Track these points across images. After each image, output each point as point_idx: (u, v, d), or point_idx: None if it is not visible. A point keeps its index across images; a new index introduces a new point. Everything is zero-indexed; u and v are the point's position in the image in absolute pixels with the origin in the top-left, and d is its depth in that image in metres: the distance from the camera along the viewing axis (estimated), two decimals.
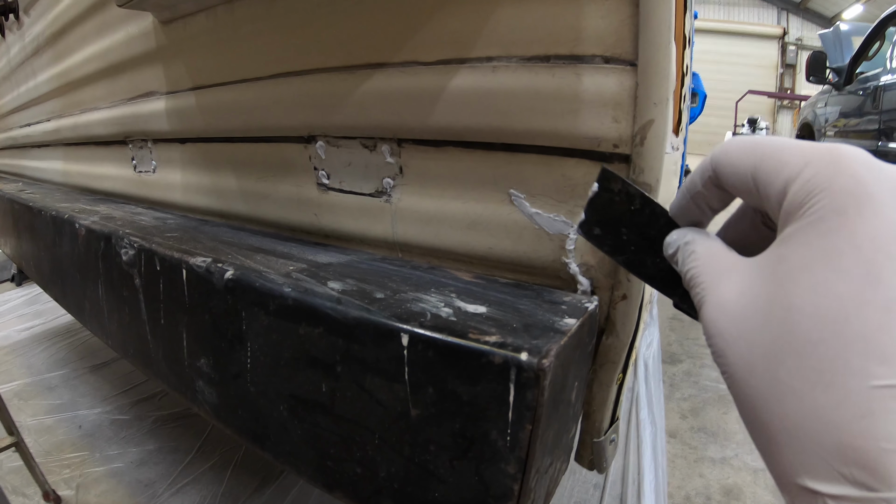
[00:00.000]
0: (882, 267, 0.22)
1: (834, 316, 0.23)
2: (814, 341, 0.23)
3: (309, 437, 0.49)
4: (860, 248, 0.23)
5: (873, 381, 0.21)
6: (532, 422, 0.33)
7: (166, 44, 0.91)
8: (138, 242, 0.68)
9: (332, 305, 0.44)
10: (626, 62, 0.47)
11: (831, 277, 0.23)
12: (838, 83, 4.88)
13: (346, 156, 0.67)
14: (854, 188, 0.24)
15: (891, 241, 0.23)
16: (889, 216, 0.23)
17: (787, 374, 0.24)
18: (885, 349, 0.21)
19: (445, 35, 0.55)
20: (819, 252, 0.24)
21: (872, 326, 0.22)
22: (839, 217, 0.24)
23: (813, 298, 0.24)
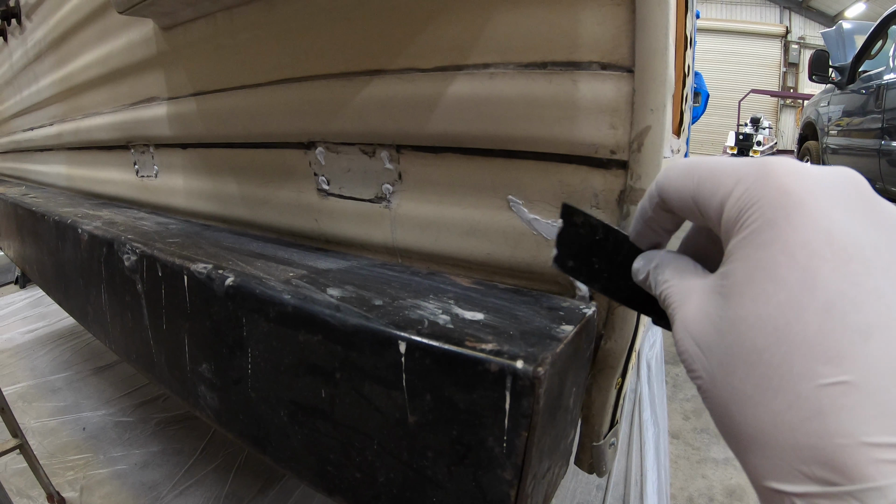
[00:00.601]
0: (816, 271, 0.24)
1: (775, 324, 0.24)
2: (759, 349, 0.24)
3: (309, 443, 0.49)
4: (793, 255, 0.24)
5: (819, 381, 0.22)
6: (528, 429, 0.34)
7: (167, 50, 0.92)
8: (140, 248, 0.69)
9: (331, 313, 0.44)
10: (623, 68, 0.47)
11: (769, 287, 0.24)
12: (841, 82, 4.87)
13: (345, 162, 0.67)
14: (782, 199, 0.25)
15: (822, 245, 0.24)
16: (818, 221, 0.24)
17: (741, 383, 0.25)
18: (827, 349, 0.22)
19: (443, 42, 0.55)
20: (756, 264, 0.25)
21: (813, 329, 0.23)
22: (771, 229, 0.25)
23: (755, 309, 0.25)
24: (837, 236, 0.24)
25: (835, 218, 0.25)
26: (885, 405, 0.21)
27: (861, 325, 0.22)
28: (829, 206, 0.25)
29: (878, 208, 0.26)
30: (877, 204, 0.26)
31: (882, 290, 0.23)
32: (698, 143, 14.44)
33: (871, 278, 0.23)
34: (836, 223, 0.24)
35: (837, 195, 0.25)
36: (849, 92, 4.69)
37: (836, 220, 0.24)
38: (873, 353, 0.22)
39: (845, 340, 0.22)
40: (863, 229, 0.24)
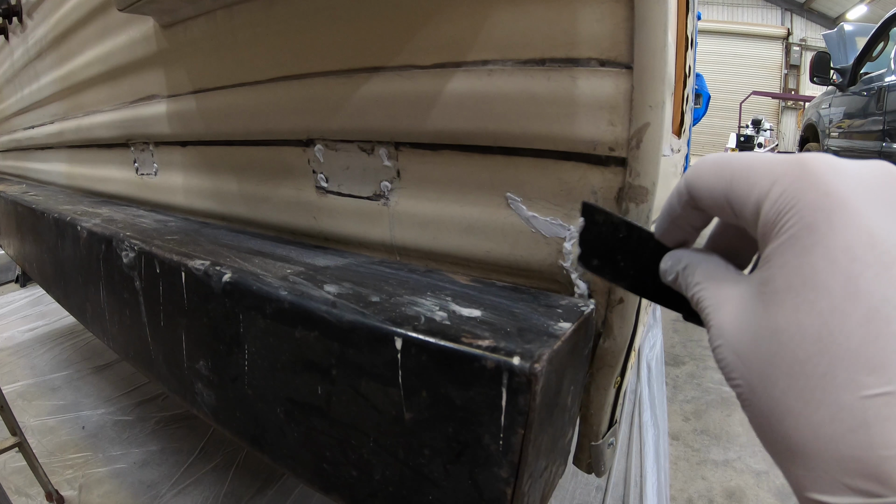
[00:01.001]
0: (859, 277, 0.23)
1: (817, 333, 0.23)
2: (801, 360, 0.23)
3: (305, 440, 0.49)
4: (835, 261, 0.23)
5: (863, 392, 0.21)
6: (524, 426, 0.34)
7: (167, 48, 0.92)
8: (138, 245, 0.69)
9: (328, 309, 0.44)
10: (622, 65, 0.47)
11: (811, 296, 0.24)
12: (842, 84, 4.87)
13: (344, 159, 0.67)
14: (822, 201, 0.24)
15: (866, 249, 0.23)
16: (861, 222, 0.23)
17: (783, 395, 0.24)
18: (871, 359, 0.22)
19: (442, 38, 0.55)
20: (797, 271, 0.24)
21: (856, 338, 0.22)
22: (812, 234, 0.24)
23: (796, 318, 0.24)
24: (880, 238, 0.23)
25: (876, 219, 0.24)
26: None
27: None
28: (869, 207, 0.24)
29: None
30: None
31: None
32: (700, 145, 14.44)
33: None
34: (877, 225, 0.23)
35: (877, 193, 0.24)
36: (850, 94, 4.69)
37: (878, 222, 0.24)
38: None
39: (890, 349, 0.22)
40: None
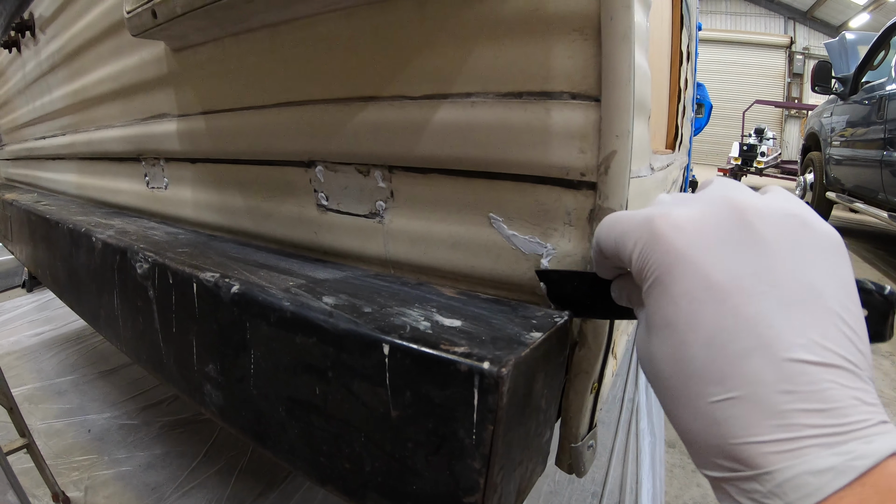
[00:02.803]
0: (697, 313, 0.29)
1: (673, 358, 0.30)
2: (666, 377, 0.31)
3: (304, 436, 0.53)
4: (678, 305, 0.30)
5: (711, 399, 0.28)
6: (494, 422, 0.38)
7: (177, 70, 0.96)
8: (152, 257, 0.74)
9: (325, 318, 0.49)
10: (591, 98, 0.50)
11: (665, 332, 0.31)
12: (844, 93, 4.87)
13: (342, 180, 0.71)
14: (664, 258, 0.31)
15: (701, 290, 0.30)
16: (696, 270, 0.30)
17: (664, 399, 0.32)
18: (713, 374, 0.28)
19: (430, 72, 0.59)
20: (656, 313, 0.32)
21: (700, 360, 0.29)
22: (660, 285, 0.32)
23: (659, 348, 0.31)
24: (715, 278, 0.29)
25: (711, 263, 0.30)
26: (763, 411, 0.27)
27: (739, 351, 0.28)
28: (705, 254, 0.30)
29: (761, 230, 0.30)
30: (761, 224, 0.30)
31: (763, 312, 0.28)
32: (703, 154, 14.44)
33: (752, 305, 0.28)
34: (713, 267, 0.30)
35: (717, 237, 0.31)
36: (851, 103, 4.69)
37: (714, 264, 0.30)
38: (751, 372, 0.27)
39: (727, 366, 0.28)
40: (744, 260, 0.29)
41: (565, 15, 0.50)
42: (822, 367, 0.27)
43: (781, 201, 0.33)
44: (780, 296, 0.28)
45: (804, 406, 0.26)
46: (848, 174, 4.71)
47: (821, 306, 0.28)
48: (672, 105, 1.86)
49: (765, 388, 0.27)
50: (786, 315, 0.28)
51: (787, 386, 0.26)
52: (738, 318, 0.28)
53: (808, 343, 0.27)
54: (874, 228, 5.87)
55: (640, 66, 0.55)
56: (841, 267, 0.31)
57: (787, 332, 0.27)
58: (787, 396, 0.26)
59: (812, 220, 0.32)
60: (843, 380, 0.27)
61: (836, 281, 0.30)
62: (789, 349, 0.27)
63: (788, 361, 0.27)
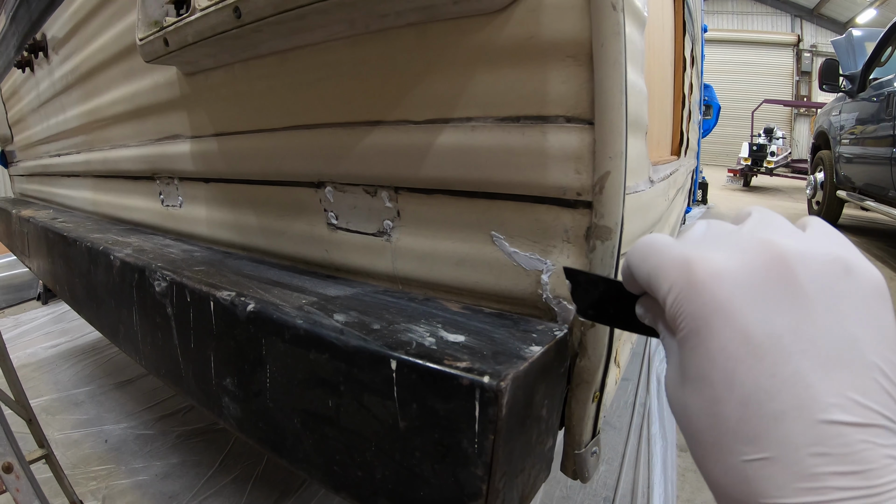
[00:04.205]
0: (734, 371, 0.28)
1: (707, 413, 0.29)
2: (699, 430, 0.30)
3: (318, 446, 0.56)
4: (714, 360, 0.29)
5: (743, 457, 0.28)
6: (494, 433, 0.41)
7: (189, 93, 0.99)
8: (170, 276, 0.77)
9: (336, 335, 0.52)
10: (585, 121, 0.52)
11: (701, 385, 0.30)
12: (852, 90, 4.83)
13: (351, 200, 0.74)
14: (702, 310, 0.30)
15: (739, 346, 0.29)
16: (736, 324, 0.29)
17: (696, 451, 0.31)
18: (747, 433, 0.28)
19: (431, 98, 0.61)
20: (691, 364, 0.31)
21: (734, 419, 0.28)
22: (696, 336, 0.30)
23: (694, 400, 0.30)
24: (754, 334, 0.28)
25: (750, 317, 0.29)
26: (795, 473, 0.26)
27: (775, 412, 0.27)
28: (745, 306, 0.29)
29: (802, 282, 0.29)
30: (803, 275, 0.29)
31: (801, 371, 0.27)
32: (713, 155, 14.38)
33: (790, 364, 0.27)
34: (751, 322, 0.29)
35: (758, 289, 0.29)
36: (860, 100, 4.66)
37: (751, 319, 0.29)
38: (785, 434, 0.26)
39: (761, 426, 0.27)
40: (784, 315, 0.28)
41: (559, 42, 0.52)
42: (857, 427, 0.26)
43: (824, 243, 0.31)
44: (819, 353, 0.27)
45: (836, 469, 0.25)
46: (858, 172, 4.68)
47: (860, 361, 0.28)
48: (677, 111, 1.87)
49: (798, 450, 0.26)
50: (824, 374, 0.27)
51: (821, 448, 0.26)
52: (775, 378, 0.28)
53: (846, 403, 0.26)
54: (885, 226, 5.83)
55: (634, 85, 0.57)
56: (883, 315, 0.30)
57: (824, 393, 0.27)
58: (819, 459, 0.26)
59: (855, 265, 0.30)
60: (879, 438, 0.26)
61: (877, 331, 0.29)
62: (825, 410, 0.26)
63: (824, 423, 0.26)
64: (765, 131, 10.52)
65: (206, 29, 0.73)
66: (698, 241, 0.34)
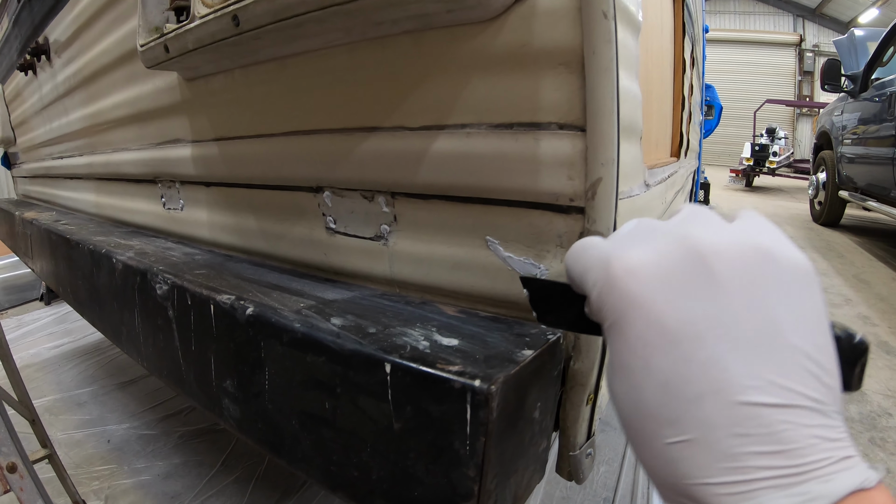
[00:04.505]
0: (651, 358, 0.30)
1: (632, 399, 0.31)
2: (626, 416, 0.32)
3: (316, 446, 0.57)
4: (633, 349, 0.31)
5: (665, 440, 0.29)
6: (485, 435, 0.42)
7: (190, 98, 1.00)
8: (171, 279, 0.78)
9: (333, 339, 0.53)
10: (577, 128, 0.53)
11: (623, 374, 0.31)
12: (854, 90, 4.83)
13: (349, 204, 0.75)
14: (618, 302, 0.32)
15: (655, 335, 0.30)
16: (650, 314, 0.30)
17: (628, 436, 0.32)
18: (667, 416, 0.29)
19: (427, 104, 0.62)
20: (614, 355, 0.32)
21: (654, 403, 0.29)
22: (615, 328, 0.32)
23: (620, 388, 0.32)
24: (668, 323, 0.29)
25: (666, 307, 0.30)
26: (716, 454, 0.27)
27: (692, 395, 0.28)
28: (659, 299, 0.30)
29: (718, 271, 0.30)
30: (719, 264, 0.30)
31: (716, 355, 0.28)
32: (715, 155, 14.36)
33: (705, 349, 0.28)
34: (667, 312, 0.30)
35: (672, 280, 0.30)
36: (862, 100, 4.65)
37: (668, 310, 0.30)
38: (703, 416, 0.27)
39: (680, 409, 0.28)
40: (699, 304, 0.29)
41: (551, 50, 0.53)
42: (777, 408, 0.27)
43: (746, 234, 0.32)
44: (735, 338, 0.28)
45: (757, 449, 0.26)
46: (860, 172, 4.68)
47: (780, 344, 0.28)
48: (676, 113, 1.87)
49: (717, 431, 0.27)
50: (740, 357, 0.28)
51: (740, 429, 0.27)
52: (690, 363, 0.28)
53: (764, 384, 0.27)
54: (887, 226, 5.82)
55: (628, 91, 0.58)
56: (808, 299, 0.30)
57: (740, 375, 0.27)
58: (739, 440, 0.26)
59: (778, 252, 0.31)
60: (803, 419, 0.27)
61: (801, 315, 0.29)
62: (742, 392, 0.27)
63: (741, 405, 0.27)
64: (767, 131, 10.50)
65: (205, 36, 0.74)
66: (622, 239, 0.35)
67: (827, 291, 3.56)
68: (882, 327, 2.89)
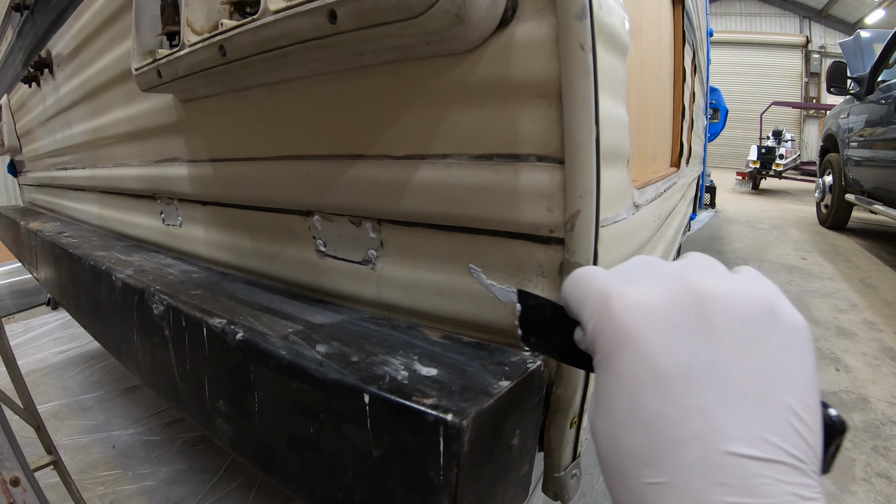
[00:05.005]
0: (639, 396, 0.30)
1: (613, 436, 0.31)
2: (605, 454, 0.31)
3: (302, 468, 0.59)
4: (622, 385, 0.31)
5: (644, 480, 0.28)
6: (457, 466, 0.43)
7: (186, 119, 1.02)
8: (167, 300, 0.79)
9: (316, 367, 0.54)
10: (556, 160, 0.53)
11: (609, 408, 0.31)
12: (860, 93, 4.80)
13: (338, 229, 0.76)
14: (615, 338, 0.32)
15: (647, 374, 0.30)
16: (645, 353, 0.30)
17: (604, 470, 0.32)
18: (648, 457, 0.29)
19: (410, 134, 0.63)
20: (603, 388, 0.32)
21: (636, 442, 0.29)
22: (608, 362, 0.32)
23: (602, 424, 0.32)
24: (662, 364, 0.29)
25: (660, 348, 0.30)
26: (691, 499, 0.27)
27: (676, 439, 0.28)
28: (656, 339, 0.30)
29: (717, 320, 0.30)
30: (719, 314, 0.30)
31: (704, 403, 0.28)
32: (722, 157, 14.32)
33: (695, 395, 0.28)
34: (661, 353, 0.30)
35: (671, 323, 0.31)
36: (868, 102, 4.62)
37: (661, 351, 0.30)
38: (684, 461, 0.27)
39: (662, 452, 0.28)
40: (695, 350, 0.29)
41: (529, 82, 0.53)
42: (760, 461, 0.27)
43: (747, 287, 0.32)
44: (727, 388, 0.28)
45: (733, 500, 0.26)
46: (866, 175, 4.65)
47: (771, 400, 0.28)
48: (676, 122, 1.87)
49: (696, 477, 0.27)
50: (729, 408, 0.28)
51: (720, 478, 0.26)
52: (678, 407, 0.28)
53: (750, 437, 0.27)
54: (894, 230, 5.80)
55: (613, 116, 0.58)
56: (802, 357, 0.31)
57: (726, 425, 0.27)
58: (717, 488, 0.26)
59: (777, 309, 0.31)
60: (783, 475, 0.27)
61: (794, 373, 0.30)
62: (726, 442, 0.27)
63: (724, 454, 0.27)
64: (773, 134, 10.45)
65: (195, 64, 0.76)
66: (624, 274, 0.36)
67: (832, 296, 3.55)
68: (888, 333, 2.88)
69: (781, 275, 4.11)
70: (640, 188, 0.90)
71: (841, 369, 2.43)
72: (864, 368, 2.44)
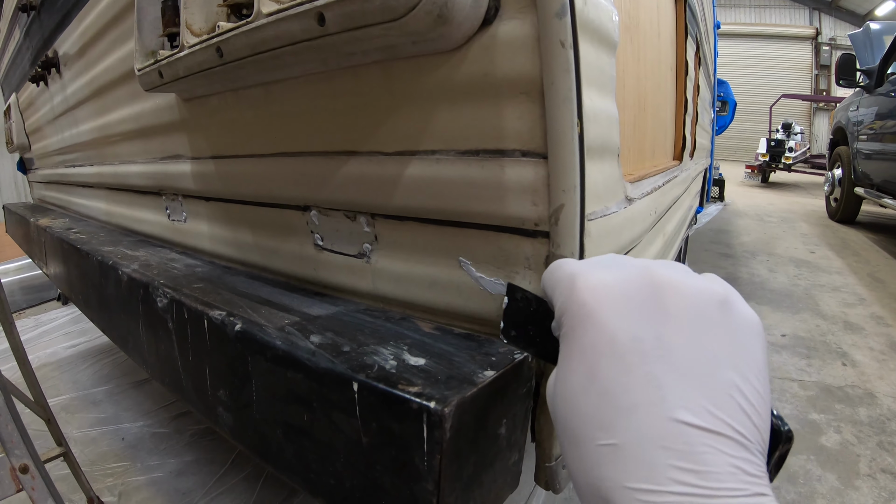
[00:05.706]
0: (596, 365, 0.32)
1: (571, 401, 0.33)
2: (564, 418, 0.34)
3: (298, 454, 0.60)
4: (583, 354, 0.33)
5: (596, 442, 0.30)
6: (440, 453, 0.45)
7: (188, 117, 1.04)
8: (170, 293, 0.82)
9: (309, 357, 0.56)
10: (540, 155, 0.55)
11: (569, 376, 0.34)
12: (869, 85, 4.76)
13: (334, 223, 0.78)
14: (577, 311, 0.35)
15: (605, 345, 0.32)
16: (604, 326, 0.33)
17: (561, 438, 0.34)
18: (601, 421, 0.31)
19: (400, 131, 0.65)
20: (565, 358, 0.35)
21: (592, 407, 0.32)
22: (571, 334, 0.35)
23: (562, 390, 0.34)
24: (619, 337, 0.32)
25: (619, 323, 0.33)
26: (640, 461, 0.28)
27: (627, 404, 0.30)
28: (614, 314, 0.33)
29: (670, 302, 0.33)
30: (672, 297, 0.33)
31: (655, 372, 0.30)
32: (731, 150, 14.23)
33: (646, 365, 0.31)
34: (618, 328, 0.32)
35: (628, 302, 0.33)
36: (878, 95, 4.58)
37: (620, 325, 0.32)
38: (634, 424, 0.29)
39: (614, 415, 0.30)
40: (648, 326, 0.32)
41: (513, 79, 0.55)
42: (703, 431, 0.28)
43: (705, 282, 0.35)
44: (676, 362, 0.30)
45: (675, 463, 0.27)
46: (876, 169, 4.61)
47: (717, 377, 0.30)
48: (679, 116, 1.86)
49: (643, 440, 0.29)
50: (678, 379, 0.30)
51: (664, 443, 0.28)
52: (631, 375, 0.30)
53: (695, 407, 0.29)
54: None
55: (599, 111, 0.59)
56: (751, 346, 0.32)
57: (673, 395, 0.29)
58: (662, 452, 0.28)
59: (731, 303, 0.34)
60: (726, 447, 0.28)
61: (741, 358, 0.32)
62: (673, 410, 0.29)
63: (670, 420, 0.29)
64: (783, 127, 10.35)
65: (194, 65, 0.79)
66: (593, 263, 0.39)
67: (840, 290, 3.53)
68: None
69: (790, 268, 4.09)
70: (635, 182, 0.90)
71: (848, 364, 2.42)
72: (871, 363, 2.42)
